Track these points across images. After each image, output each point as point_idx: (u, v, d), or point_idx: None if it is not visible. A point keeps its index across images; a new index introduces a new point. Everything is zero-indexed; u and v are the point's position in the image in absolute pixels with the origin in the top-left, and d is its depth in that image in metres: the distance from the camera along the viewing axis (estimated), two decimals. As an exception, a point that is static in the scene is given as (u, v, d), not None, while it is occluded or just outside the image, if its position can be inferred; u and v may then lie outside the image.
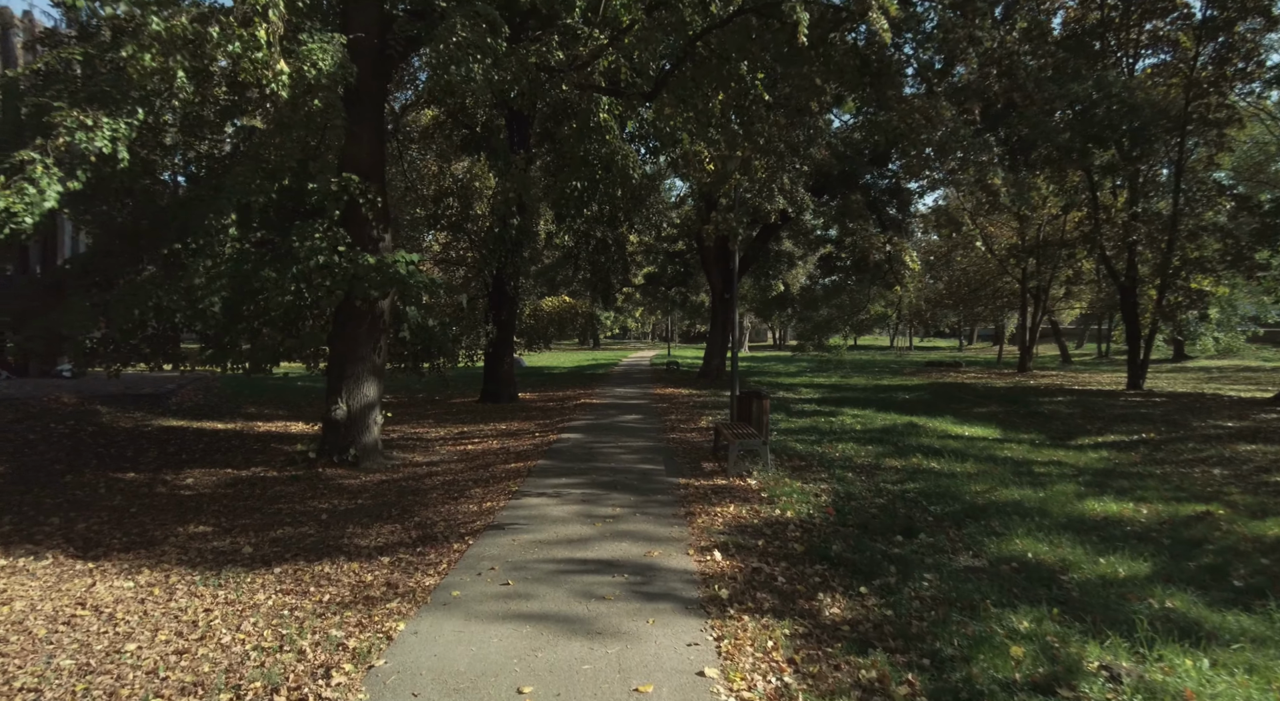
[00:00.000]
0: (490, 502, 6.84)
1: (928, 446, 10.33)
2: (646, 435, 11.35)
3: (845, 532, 5.85)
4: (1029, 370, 30.36)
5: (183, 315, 8.22)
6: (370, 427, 9.50)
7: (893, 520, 6.27)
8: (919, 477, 8.09)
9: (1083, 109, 15.01)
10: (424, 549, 5.49)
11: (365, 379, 9.46)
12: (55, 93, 8.51)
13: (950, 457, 9.34)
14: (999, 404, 17.47)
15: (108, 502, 7.44)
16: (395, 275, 8.87)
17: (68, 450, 10.01)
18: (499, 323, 16.65)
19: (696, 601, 4.30)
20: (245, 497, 7.72)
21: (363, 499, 7.49)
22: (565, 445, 10.30)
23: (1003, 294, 36.94)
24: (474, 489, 7.57)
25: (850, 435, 11.32)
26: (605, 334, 76.09)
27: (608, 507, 6.53)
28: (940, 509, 6.73)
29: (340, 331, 9.50)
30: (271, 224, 9.29)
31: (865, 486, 7.61)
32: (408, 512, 6.75)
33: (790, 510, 6.45)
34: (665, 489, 7.36)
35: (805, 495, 7.07)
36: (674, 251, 27.04)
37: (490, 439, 11.40)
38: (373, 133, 9.72)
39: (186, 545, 5.92)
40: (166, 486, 8.24)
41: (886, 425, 12.66)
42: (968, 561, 5.26)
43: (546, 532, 5.70)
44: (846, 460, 9.07)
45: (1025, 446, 10.69)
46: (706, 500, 6.90)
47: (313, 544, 5.85)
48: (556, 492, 7.14)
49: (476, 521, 6.19)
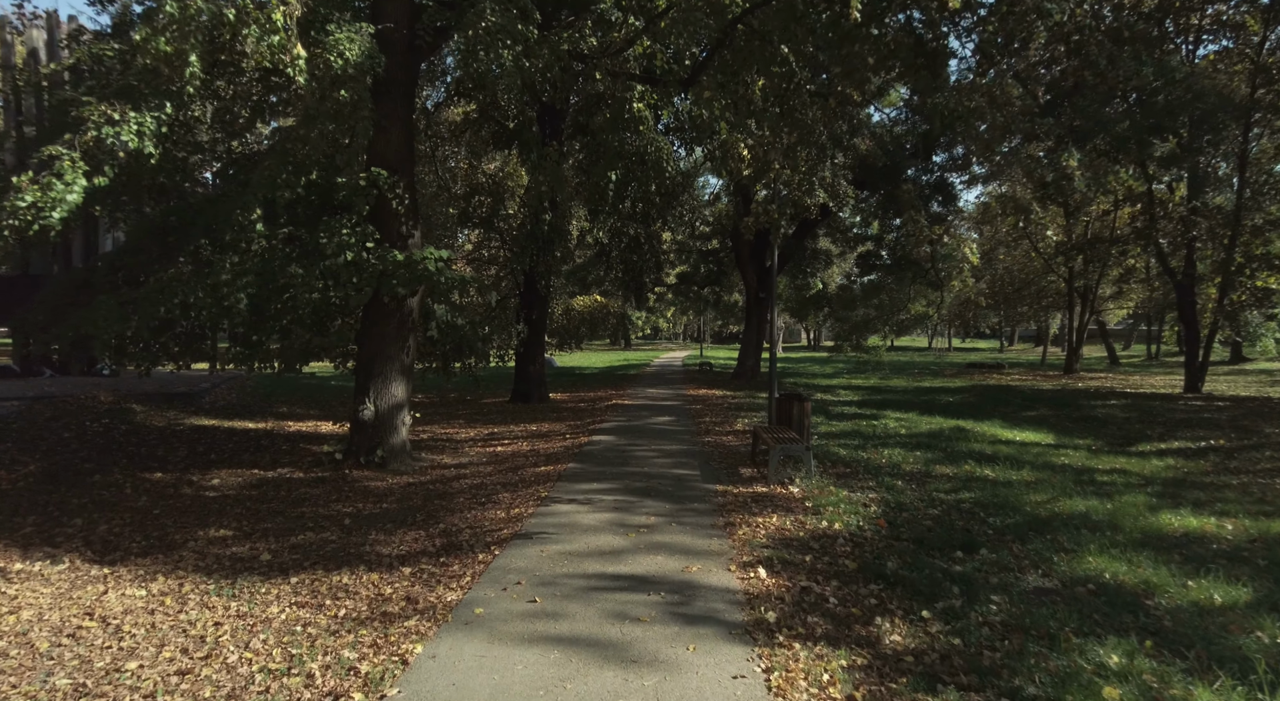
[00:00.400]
0: (518, 509, 6.52)
1: (979, 452, 9.77)
2: (680, 438, 10.96)
3: (899, 547, 5.40)
4: (1076, 372, 29.25)
5: (208, 312, 8.06)
6: (398, 428, 9.27)
7: (950, 533, 5.79)
8: (973, 486, 7.58)
9: (1142, 97, 14.22)
10: (448, 559, 5.18)
11: (393, 378, 9.24)
12: (88, 89, 8.45)
13: (1004, 464, 8.79)
14: (1048, 407, 16.70)
15: (132, 503, 7.31)
16: (424, 272, 8.63)
17: (99, 449, 9.98)
18: (530, 322, 16.40)
19: (741, 625, 3.90)
20: (269, 500, 7.53)
21: (388, 503, 7.23)
22: (597, 448, 9.96)
23: (1047, 293, 35.75)
24: (502, 494, 7.27)
25: (895, 440, 10.79)
26: (637, 334, 75.85)
27: (641, 516, 6.16)
28: (1000, 521, 6.23)
29: (368, 330, 9.30)
30: (299, 220, 9.12)
31: (916, 496, 7.12)
32: (433, 518, 6.47)
33: (838, 521, 6.01)
34: (702, 496, 6.97)
35: (853, 505, 6.62)
36: (708, 250, 26.57)
37: (520, 440, 11.12)
38: (401, 126, 9.50)
39: (205, 550, 5.70)
40: (192, 487, 8.09)
41: (932, 429, 12.08)
42: (1037, 581, 4.78)
43: (577, 543, 5.35)
44: (894, 467, 8.57)
45: (1083, 453, 10.06)
46: (746, 509, 6.49)
47: (333, 551, 5.59)
48: (587, 499, 6.79)
49: (503, 529, 5.87)
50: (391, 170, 9.08)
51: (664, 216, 17.46)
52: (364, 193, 8.78)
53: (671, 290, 33.54)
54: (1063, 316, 50.79)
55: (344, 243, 8.45)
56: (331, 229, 8.54)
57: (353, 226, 8.69)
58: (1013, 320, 56.95)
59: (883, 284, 23.76)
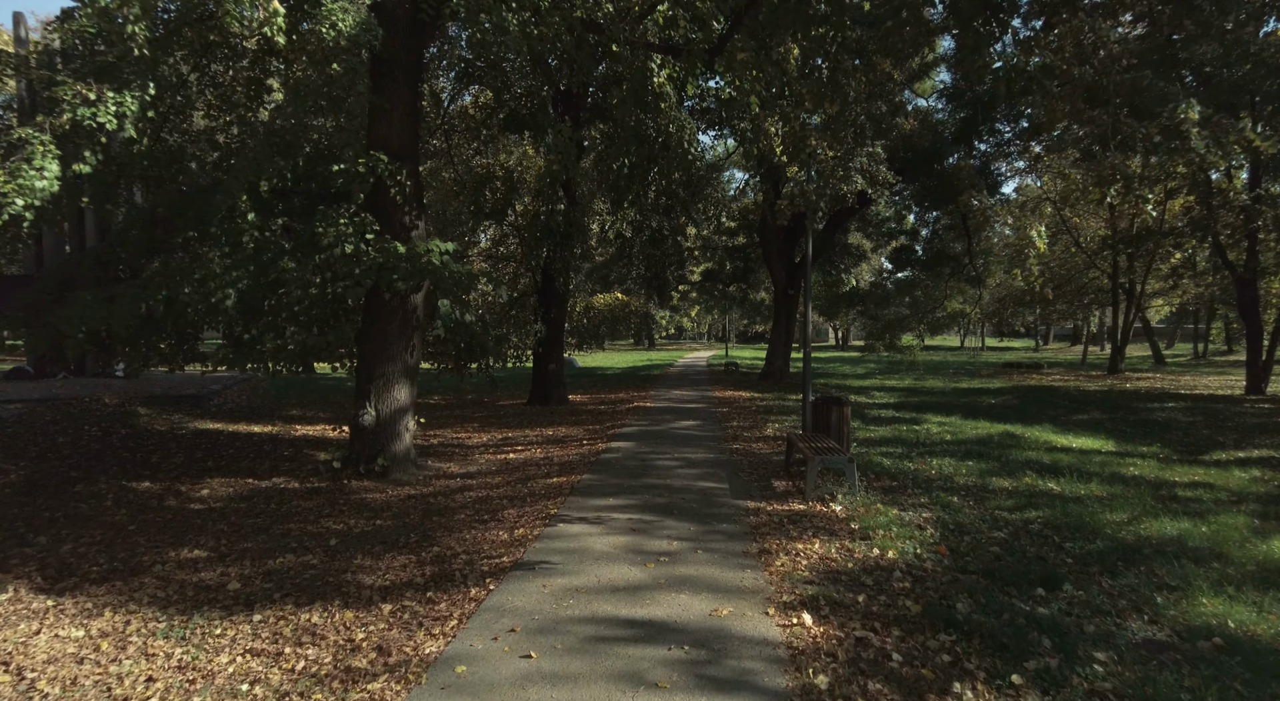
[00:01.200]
0: (523, 529, 5.77)
1: (1036, 462, 8.84)
2: (706, 445, 10.15)
3: (968, 582, 4.55)
4: (1121, 372, 27.85)
5: (194, 309, 7.45)
6: (401, 435, 8.60)
7: (1024, 563, 4.93)
8: (1039, 503, 6.67)
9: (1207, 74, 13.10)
10: (436, 593, 4.44)
11: (396, 381, 8.58)
12: (71, 71, 7.88)
13: (1069, 477, 7.85)
14: (1100, 410, 15.60)
15: (109, 517, 6.70)
16: (428, 266, 7.95)
17: (92, 455, 9.46)
18: (548, 321, 15.70)
19: (785, 695, 3.11)
20: (257, 514, 6.89)
21: (383, 519, 6.54)
22: (615, 456, 9.19)
23: (1089, 290, 34.24)
24: (507, 510, 6.53)
25: (942, 448, 9.87)
26: (660, 334, 75.05)
27: (662, 540, 5.38)
28: (1078, 547, 5.35)
29: (369, 329, 8.64)
30: (295, 210, 8.50)
31: (976, 515, 6.25)
32: (428, 539, 5.75)
33: (891, 548, 5.17)
34: (731, 515, 6.16)
35: (906, 527, 5.77)
36: (734, 246, 25.66)
37: (534, 446, 10.40)
38: (405, 110, 8.82)
39: (170, 576, 5.04)
40: (178, 498, 7.49)
41: (980, 435, 11.13)
42: (1143, 630, 3.91)
43: (585, 576, 4.58)
44: (945, 479, 7.69)
45: (1152, 462, 9.07)
46: (783, 531, 5.67)
47: (311, 579, 4.90)
48: (600, 518, 6.02)
49: (503, 555, 5.12)
50: (394, 156, 8.41)
51: (688, 210, 16.64)
52: (362, 179, 8.12)
53: (696, 288, 32.68)
54: (1100, 314, 49.07)
55: (341, 233, 7.80)
56: (328, 219, 7.89)
57: (350, 216, 8.04)
58: (1048, 318, 55.15)
59: (917, 280, 22.68)
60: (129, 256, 8.25)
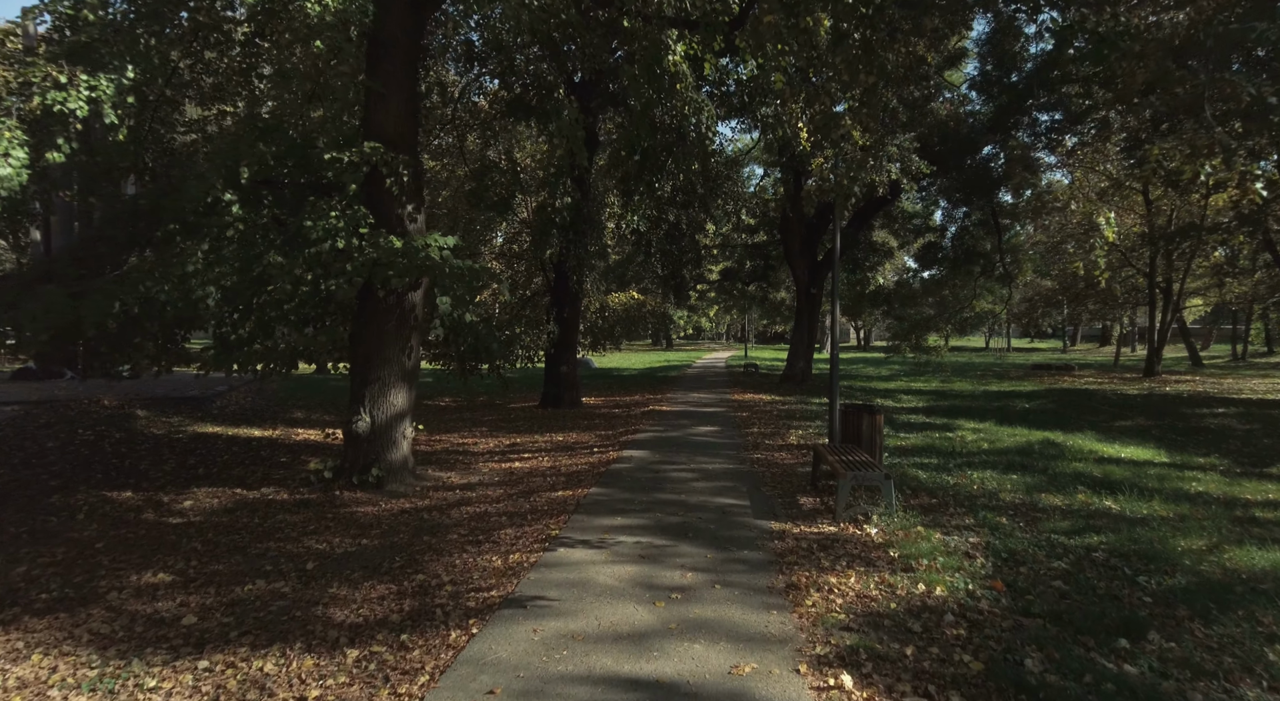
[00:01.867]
0: (519, 554, 5.15)
1: (1086, 475, 8.08)
2: (725, 454, 9.49)
3: (1034, 629, 3.86)
4: (1158, 374, 26.71)
5: (173, 307, 6.92)
6: (398, 443, 8.04)
7: (1095, 603, 4.23)
8: (1099, 525, 5.93)
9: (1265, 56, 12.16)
10: (411, 636, 3.84)
11: (393, 385, 8.02)
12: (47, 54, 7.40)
13: (1128, 494, 7.09)
14: (1144, 416, 14.70)
15: (77, 533, 6.20)
16: (426, 261, 7.37)
17: (79, 461, 9.02)
18: (561, 321, 15.13)
19: (826, 795, 2.46)
20: (238, 529, 6.35)
21: (370, 537, 5.97)
22: (626, 466, 8.56)
23: (1123, 289, 33.01)
24: (505, 529, 5.92)
25: (980, 458, 9.13)
26: (678, 334, 74.33)
27: (674, 570, 4.73)
28: (1156, 582, 4.63)
29: (364, 329, 8.09)
30: (285, 202, 7.97)
31: (1030, 540, 5.53)
32: (414, 564, 5.16)
33: (939, 583, 4.48)
34: (754, 539, 5.50)
35: (953, 555, 5.07)
36: (753, 243, 24.91)
37: (542, 454, 9.80)
38: (403, 96, 8.26)
39: (123, 606, 4.49)
40: (157, 511, 6.98)
41: (1019, 444, 10.35)
42: (1262, 698, 3.21)
43: (584, 617, 3.95)
44: (990, 496, 6.96)
45: (1216, 477, 8.26)
46: (813, 560, 5.00)
47: (277, 612, 4.32)
48: (605, 542, 5.39)
49: (493, 588, 4.51)
50: (390, 145, 7.86)
51: (706, 205, 15.96)
52: (356, 170, 7.57)
53: (714, 287, 31.95)
54: (1131, 315, 47.54)
55: (332, 227, 7.25)
56: (318, 211, 7.35)
57: (343, 209, 7.49)
58: (1076, 319, 53.64)
59: (945, 279, 21.79)
60: (109, 252, 7.76)
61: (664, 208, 13.57)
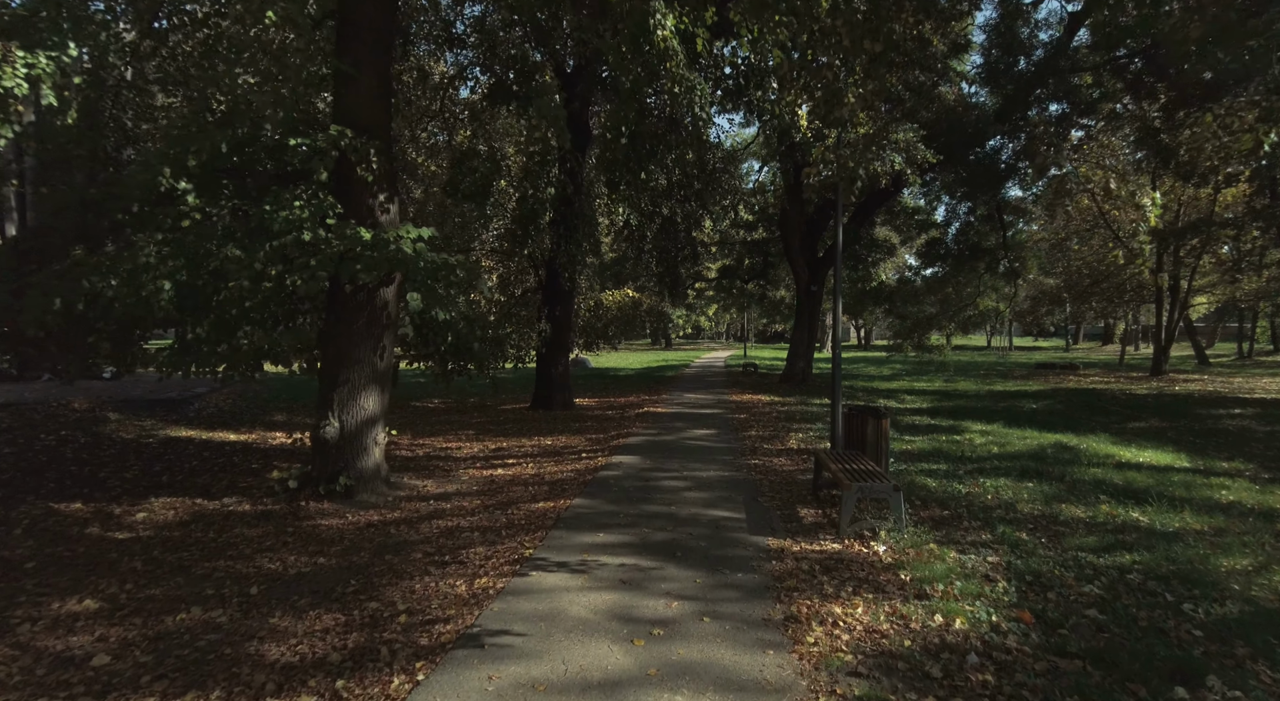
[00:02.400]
0: (486, 579, 4.62)
1: (1106, 482, 7.55)
2: (720, 459, 8.95)
3: (1072, 673, 3.33)
4: (1165, 373, 26.19)
5: (122, 305, 6.40)
6: (368, 449, 7.50)
7: (1140, 638, 3.69)
8: (1129, 541, 5.40)
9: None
10: (349, 682, 3.31)
11: (363, 388, 7.49)
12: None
13: (1155, 504, 6.56)
14: (1157, 417, 14.17)
15: (9, 551, 5.66)
16: (396, 254, 6.84)
17: (34, 468, 8.48)
18: (552, 320, 14.60)
19: None
20: (188, 545, 5.82)
21: (328, 555, 5.43)
22: (614, 474, 8.02)
23: (1127, 287, 32.46)
24: (475, 548, 5.38)
25: (992, 464, 8.60)
26: (677, 334, 73.81)
27: (659, 599, 4.19)
28: (1204, 611, 4.09)
29: (333, 327, 7.55)
30: (248, 192, 7.43)
31: (1055, 558, 4.99)
32: (369, 588, 4.62)
33: (958, 614, 3.95)
34: (749, 558, 4.96)
35: (970, 578, 4.54)
36: (752, 240, 24.35)
37: (527, 460, 9.27)
38: (375, 79, 7.73)
39: (30, 643, 3.96)
40: (105, 525, 6.44)
41: (1031, 448, 9.82)
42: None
43: (549, 660, 3.41)
44: (1006, 507, 6.43)
45: (1245, 484, 7.73)
46: (814, 584, 4.46)
47: (203, 650, 3.79)
48: (584, 564, 4.84)
49: (451, 620, 3.97)
50: (361, 130, 7.33)
51: (703, 200, 15.41)
52: (323, 156, 7.04)
53: (712, 285, 31.41)
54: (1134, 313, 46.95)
55: (296, 218, 6.71)
56: (281, 201, 6.81)
57: (309, 198, 6.95)
58: (1078, 317, 53.06)
59: (949, 276, 21.25)
60: (58, 245, 7.23)
61: (658, 201, 13.01)
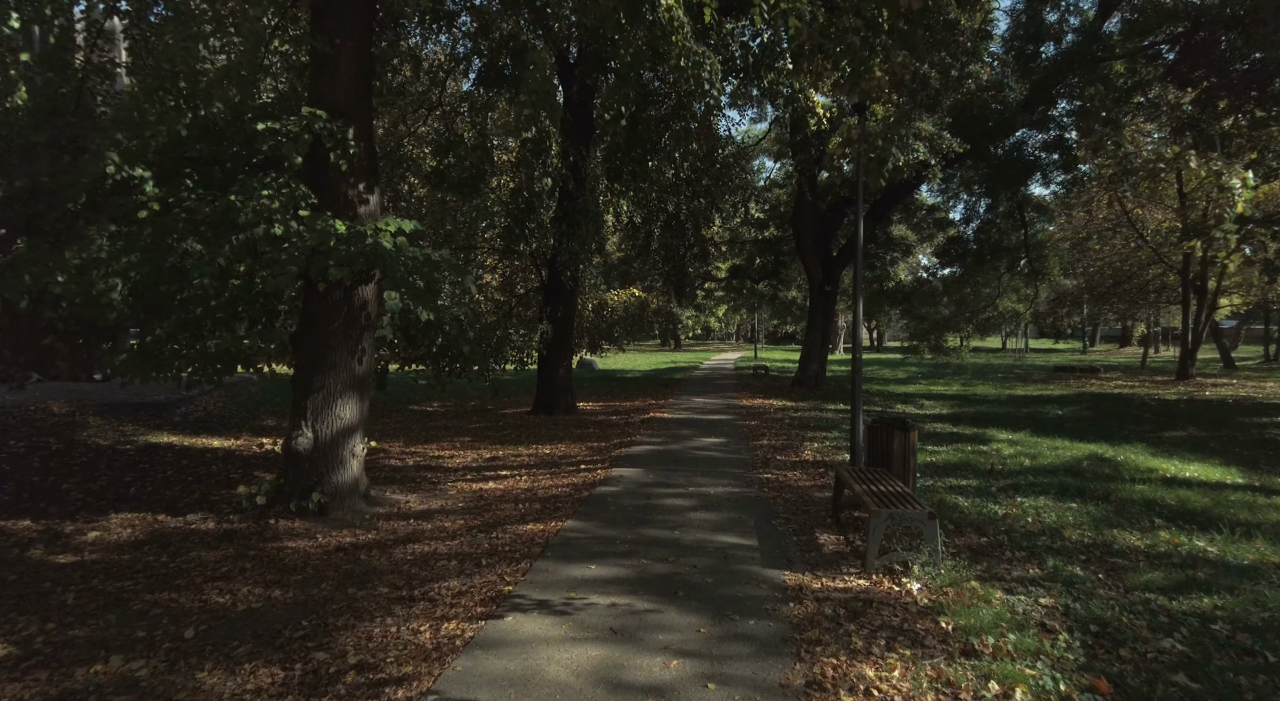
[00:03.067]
0: (455, 623, 3.96)
1: (1158, 503, 6.82)
2: (730, 473, 8.27)
3: (1172, 770, 2.64)
4: (1192, 377, 25.26)
5: (70, 304, 5.81)
6: (345, 462, 6.88)
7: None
8: (1203, 580, 4.66)
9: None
10: (264, 774, 2.66)
11: (339, 395, 6.87)
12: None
13: (1221, 531, 5.82)
14: (1195, 425, 13.37)
15: (-68, 579, 5.07)
16: (374, 249, 6.23)
17: (-8, 479, 7.93)
18: (554, 320, 13.96)
19: None
20: (134, 573, 5.21)
21: (285, 587, 4.80)
22: (613, 490, 7.36)
23: (1150, 288, 31.48)
24: (449, 580, 4.73)
25: (1025, 479, 7.88)
26: (687, 335, 73.09)
27: (654, 656, 3.52)
28: (1311, 673, 3.38)
29: (307, 329, 6.94)
30: (215, 181, 6.83)
31: (1118, 600, 4.29)
32: (321, 632, 3.99)
33: (1017, 680, 3.25)
34: (763, 600, 4.28)
35: (1024, 628, 3.84)
36: (763, 239, 23.62)
37: (522, 472, 8.62)
38: (354, 60, 7.11)
39: (-89, 702, 3.35)
40: (50, 546, 5.84)
41: (1065, 460, 9.08)
42: None
43: (519, 742, 2.76)
44: (1051, 533, 5.72)
45: (1313, 504, 6.98)
46: (840, 636, 3.78)
47: (108, 716, 3.16)
48: (568, 604, 4.18)
49: (405, 682, 3.32)
50: (338, 113, 6.72)
51: (712, 196, 14.73)
52: (295, 140, 6.42)
53: (722, 285, 30.69)
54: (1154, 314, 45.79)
55: (265, 209, 6.10)
56: (248, 190, 6.19)
57: (279, 187, 6.33)
58: (1095, 318, 51.88)
59: (967, 277, 20.45)
60: (8, 237, 6.66)
61: (664, 197, 12.34)
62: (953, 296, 21.28)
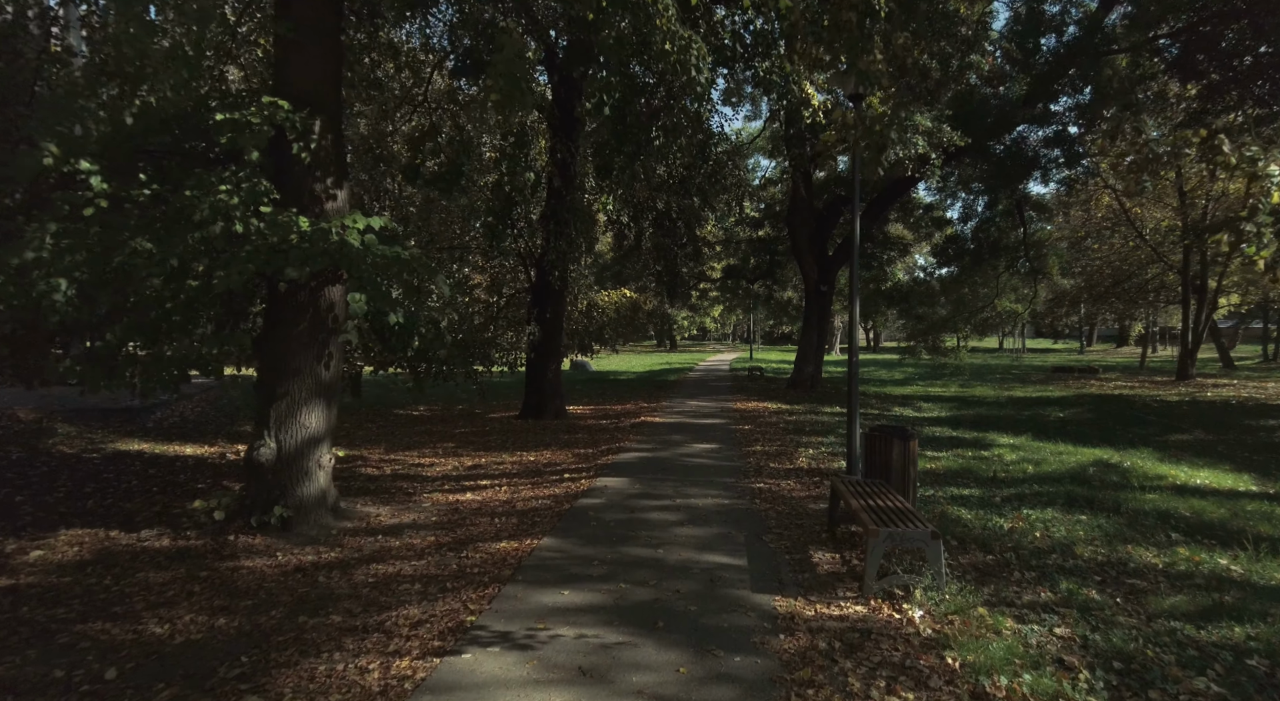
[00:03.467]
0: (408, 661, 3.56)
1: (1173, 514, 6.44)
2: (721, 482, 7.89)
3: None
4: (1192, 378, 24.96)
5: (8, 306, 5.40)
6: (311, 473, 6.48)
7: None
8: (1231, 605, 4.28)
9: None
10: None
11: (304, 402, 6.47)
12: None
13: (1242, 547, 5.45)
14: (1201, 428, 13.02)
15: None
16: (339, 247, 5.83)
17: (-59, 492, 7.50)
18: (542, 322, 13.57)
19: None
20: (71, 598, 4.80)
21: (230, 614, 4.40)
22: (597, 501, 6.96)
23: (1150, 288, 31.20)
24: (409, 608, 4.33)
25: (1030, 487, 7.51)
26: (682, 335, 72.74)
27: (628, 700, 3.13)
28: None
29: (270, 332, 6.54)
30: (168, 175, 6.42)
31: (1141, 630, 3.91)
32: (259, 670, 3.59)
33: (1036, 732, 2.87)
34: (750, 630, 3.89)
35: (1040, 663, 3.46)
36: (758, 239, 23.24)
37: (502, 481, 8.22)
38: (324, 48, 6.74)
39: None
40: (-13, 567, 5.43)
41: (1069, 466, 8.72)
42: None
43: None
44: (1062, 550, 5.34)
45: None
46: (835, 676, 3.39)
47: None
48: (534, 637, 3.78)
49: (340, 739, 2.93)
50: (303, 103, 6.32)
51: (705, 194, 14.34)
52: (255, 131, 6.01)
53: (717, 286, 30.32)
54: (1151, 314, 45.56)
55: (222, 205, 5.69)
56: (205, 184, 5.79)
57: (237, 182, 5.93)
58: (1092, 318, 51.65)
59: (965, 276, 20.10)
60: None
61: (654, 195, 11.95)
62: (950, 296, 20.93)
